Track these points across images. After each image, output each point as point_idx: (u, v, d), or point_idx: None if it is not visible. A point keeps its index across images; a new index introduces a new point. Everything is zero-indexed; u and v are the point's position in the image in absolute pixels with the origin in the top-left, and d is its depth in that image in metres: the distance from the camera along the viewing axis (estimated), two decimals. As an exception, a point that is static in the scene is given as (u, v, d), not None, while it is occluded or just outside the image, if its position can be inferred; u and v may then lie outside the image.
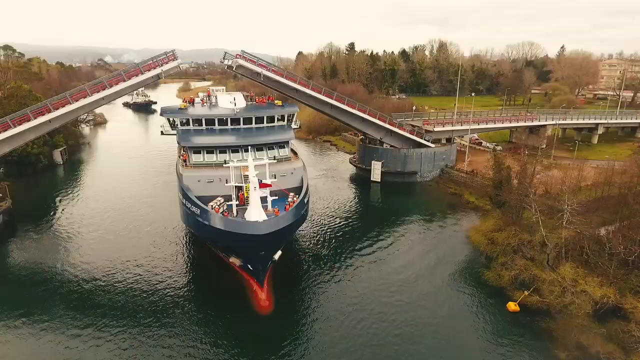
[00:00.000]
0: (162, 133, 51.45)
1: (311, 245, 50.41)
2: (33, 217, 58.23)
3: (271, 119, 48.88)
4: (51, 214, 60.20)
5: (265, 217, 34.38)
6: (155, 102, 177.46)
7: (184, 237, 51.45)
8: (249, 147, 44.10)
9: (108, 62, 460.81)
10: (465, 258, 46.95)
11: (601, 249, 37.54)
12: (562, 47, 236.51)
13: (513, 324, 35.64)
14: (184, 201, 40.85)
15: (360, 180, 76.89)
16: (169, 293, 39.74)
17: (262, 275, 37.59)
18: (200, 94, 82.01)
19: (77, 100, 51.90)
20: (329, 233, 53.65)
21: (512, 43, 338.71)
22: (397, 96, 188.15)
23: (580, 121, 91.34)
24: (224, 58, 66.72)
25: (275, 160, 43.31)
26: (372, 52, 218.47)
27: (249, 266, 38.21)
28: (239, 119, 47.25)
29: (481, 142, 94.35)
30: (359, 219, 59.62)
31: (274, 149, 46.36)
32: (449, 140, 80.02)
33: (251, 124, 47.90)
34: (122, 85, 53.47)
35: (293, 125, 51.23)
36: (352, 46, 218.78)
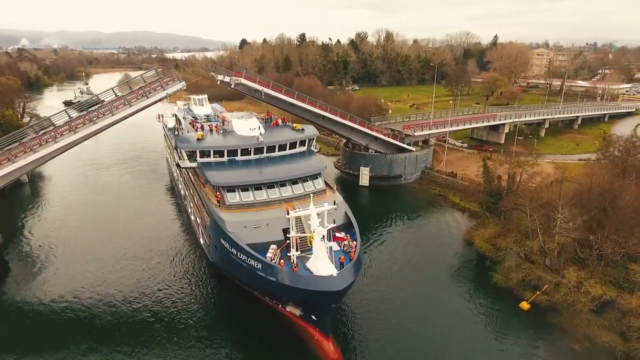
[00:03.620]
0: (178, 166, 48.68)
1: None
2: (22, 248, 55.40)
3: (293, 145, 47.92)
4: (40, 242, 56.70)
5: (336, 270, 32.93)
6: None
7: (205, 272, 49.40)
8: (286, 182, 42.53)
9: (25, 47, 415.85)
10: (471, 263, 52.80)
11: (590, 251, 44.94)
12: (495, 36, 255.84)
13: (529, 321, 41.72)
14: (234, 251, 37.44)
15: (349, 184, 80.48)
16: (219, 341, 38.58)
17: (328, 325, 36.46)
18: (180, 103, 79.60)
19: (79, 130, 49.79)
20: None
21: (450, 32, 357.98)
22: (350, 87, 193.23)
23: (533, 118, 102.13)
24: (214, 72, 66.13)
25: (335, 206, 38.71)
26: (323, 43, 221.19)
27: (313, 317, 36.51)
28: (263, 147, 45.90)
29: (447, 140, 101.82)
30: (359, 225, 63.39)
31: (308, 180, 44.47)
32: (425, 142, 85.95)
33: (274, 151, 46.71)
34: (127, 111, 51.99)
35: (313, 149, 50.08)
36: (303, 37, 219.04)
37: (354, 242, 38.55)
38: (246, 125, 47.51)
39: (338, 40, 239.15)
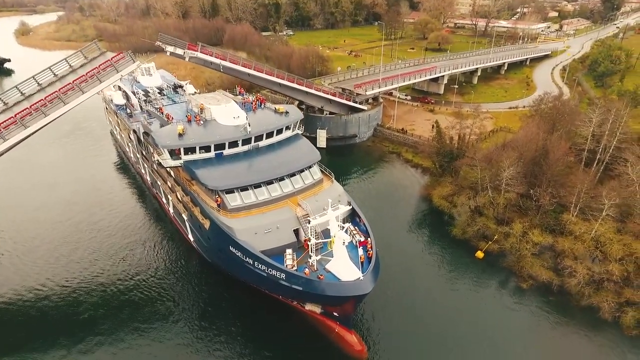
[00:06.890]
0: (160, 165, 45.48)
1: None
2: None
3: (279, 131, 46.22)
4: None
5: (361, 273, 33.20)
6: (9, 60, 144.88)
7: (200, 269, 48.21)
8: (285, 176, 41.18)
9: None
10: (431, 219, 58.94)
11: (530, 202, 52.96)
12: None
13: (483, 268, 49.39)
14: (250, 261, 35.97)
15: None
16: (228, 338, 39.23)
17: (350, 320, 37.10)
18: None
19: (30, 123, 45.59)
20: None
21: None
22: (285, 32, 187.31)
23: (468, 68, 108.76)
24: (161, 41, 61.97)
25: (350, 207, 38.52)
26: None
27: (335, 314, 36.75)
28: (251, 137, 43.81)
29: (392, 93, 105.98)
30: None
31: (304, 170, 42.90)
32: (375, 99, 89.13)
33: (262, 139, 44.93)
34: (81, 98, 47.84)
35: (299, 132, 48.72)
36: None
37: (364, 235, 38.77)
38: (228, 113, 44.70)
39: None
